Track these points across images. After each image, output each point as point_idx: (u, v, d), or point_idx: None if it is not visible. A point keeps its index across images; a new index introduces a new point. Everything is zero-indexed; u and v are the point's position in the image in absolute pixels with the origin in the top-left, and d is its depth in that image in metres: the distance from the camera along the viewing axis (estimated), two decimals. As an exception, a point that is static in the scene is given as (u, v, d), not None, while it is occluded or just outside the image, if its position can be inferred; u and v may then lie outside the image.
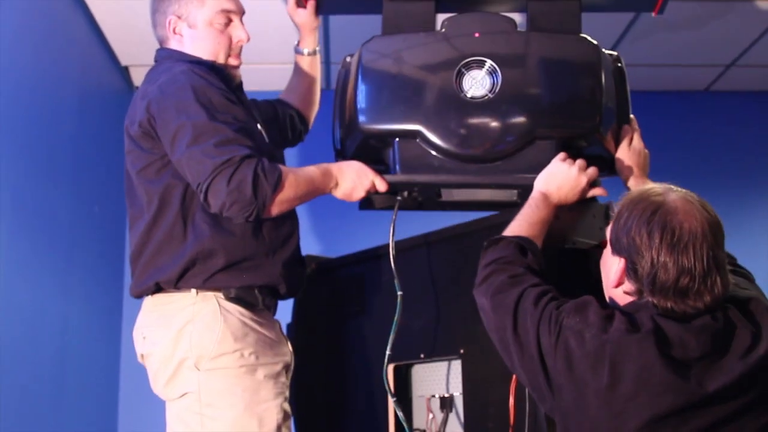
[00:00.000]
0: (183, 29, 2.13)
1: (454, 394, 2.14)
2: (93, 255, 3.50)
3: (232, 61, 2.17)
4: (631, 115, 2.17)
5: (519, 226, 1.86)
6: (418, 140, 2.07)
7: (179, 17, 2.13)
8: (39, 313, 2.94)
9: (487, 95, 2.04)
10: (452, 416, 2.13)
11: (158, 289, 2.04)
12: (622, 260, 1.59)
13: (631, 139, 2.11)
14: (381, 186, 2.08)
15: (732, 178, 4.14)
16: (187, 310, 1.99)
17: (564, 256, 1.96)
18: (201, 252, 1.98)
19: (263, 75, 3.59)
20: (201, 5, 2.12)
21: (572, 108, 2.04)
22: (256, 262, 2.02)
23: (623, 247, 1.58)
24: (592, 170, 1.98)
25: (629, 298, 1.60)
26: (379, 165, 2.16)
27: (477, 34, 2.10)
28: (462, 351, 2.04)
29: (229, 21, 2.16)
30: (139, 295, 2.11)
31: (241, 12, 2.19)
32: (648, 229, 1.54)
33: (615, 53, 2.16)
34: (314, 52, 2.49)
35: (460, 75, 2.06)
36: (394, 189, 2.10)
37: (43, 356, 2.98)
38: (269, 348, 2.04)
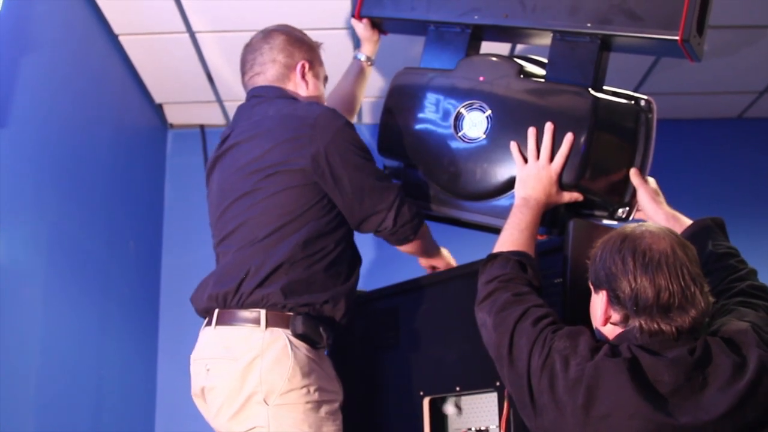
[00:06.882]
0: (310, 77, 2.32)
1: (491, 426, 2.12)
2: (129, 289, 3.54)
3: None
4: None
5: (510, 235, 1.90)
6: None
7: (311, 65, 2.31)
8: (77, 346, 2.97)
9: (479, 137, 2.12)
10: (489, 449, 2.12)
11: (229, 297, 2.06)
12: (604, 293, 1.63)
13: (643, 181, 2.05)
14: None
15: (766, 205, 4.10)
16: (256, 344, 2.01)
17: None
18: (286, 261, 2.06)
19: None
20: (321, 64, 2.37)
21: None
22: (325, 285, 2.09)
23: (602, 280, 1.63)
24: (556, 162, 1.99)
25: (617, 330, 1.63)
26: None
27: (482, 78, 2.16)
28: (498, 383, 2.02)
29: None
30: (211, 297, 2.10)
31: None
32: (621, 256, 1.60)
33: (645, 99, 2.08)
34: (366, 60, 2.62)
35: (459, 116, 2.16)
36: None
37: (82, 388, 3.01)
38: (329, 384, 2.08)
